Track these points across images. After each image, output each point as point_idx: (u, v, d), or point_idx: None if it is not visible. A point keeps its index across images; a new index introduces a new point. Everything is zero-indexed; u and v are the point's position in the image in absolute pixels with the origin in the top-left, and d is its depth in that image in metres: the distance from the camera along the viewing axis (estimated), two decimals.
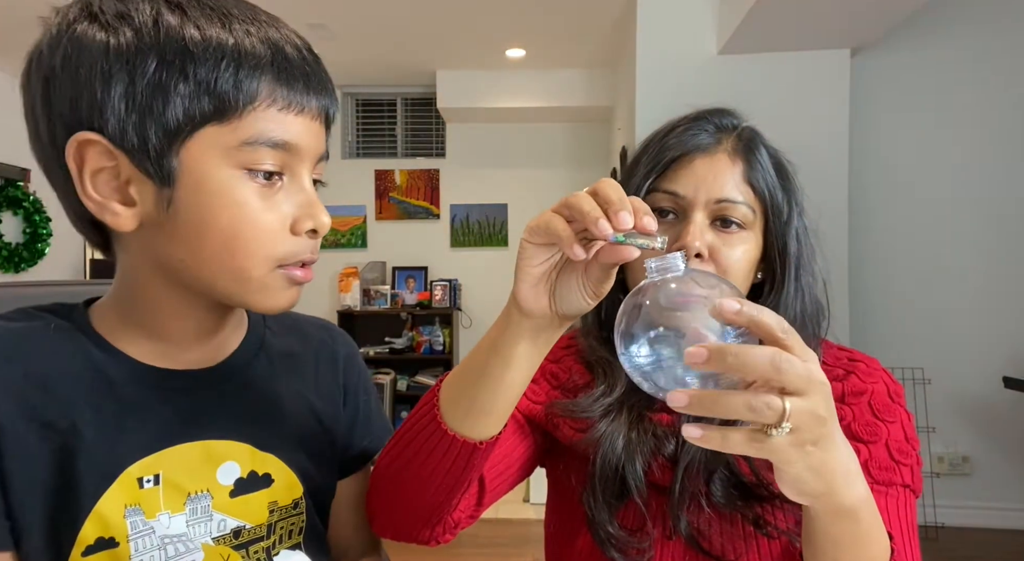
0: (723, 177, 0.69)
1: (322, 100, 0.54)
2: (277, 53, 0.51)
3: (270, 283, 0.53)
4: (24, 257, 3.87)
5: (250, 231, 0.51)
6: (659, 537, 0.68)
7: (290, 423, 0.64)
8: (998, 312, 2.92)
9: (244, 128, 0.50)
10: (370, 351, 4.53)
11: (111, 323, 0.56)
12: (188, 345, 0.58)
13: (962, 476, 3.00)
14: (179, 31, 0.49)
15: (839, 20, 2.51)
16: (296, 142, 0.52)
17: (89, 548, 0.50)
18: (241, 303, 0.55)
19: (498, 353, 0.54)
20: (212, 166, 0.50)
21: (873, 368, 0.73)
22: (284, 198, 0.53)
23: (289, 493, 0.62)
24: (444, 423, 0.56)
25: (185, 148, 0.49)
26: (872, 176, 2.95)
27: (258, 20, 0.52)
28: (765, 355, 0.41)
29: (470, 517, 0.69)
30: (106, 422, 0.53)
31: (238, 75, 0.49)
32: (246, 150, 0.50)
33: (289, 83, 0.51)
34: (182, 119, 0.48)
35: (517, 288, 0.52)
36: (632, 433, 0.69)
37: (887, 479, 0.66)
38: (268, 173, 0.51)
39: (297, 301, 0.57)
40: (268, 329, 0.67)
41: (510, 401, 0.56)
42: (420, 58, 4.09)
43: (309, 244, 0.55)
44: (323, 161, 0.57)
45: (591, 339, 0.77)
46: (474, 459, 0.57)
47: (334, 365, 0.71)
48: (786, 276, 0.71)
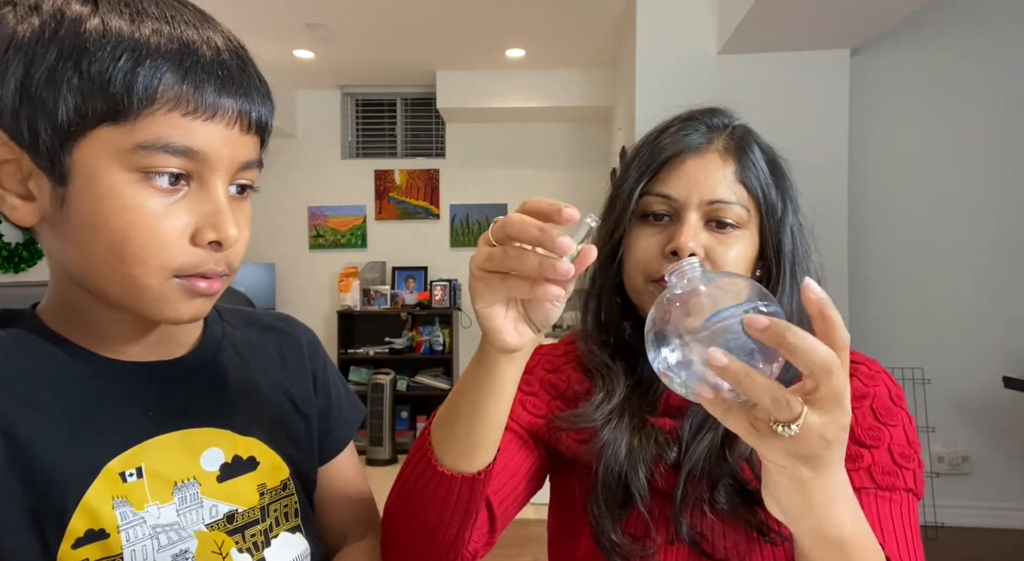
0: (715, 177, 0.69)
1: (242, 104, 0.50)
2: (186, 53, 0.48)
3: (168, 293, 0.51)
4: (24, 257, 3.87)
5: (141, 238, 0.48)
6: (663, 543, 0.68)
7: (266, 407, 0.64)
8: (998, 312, 2.92)
9: (140, 131, 0.47)
10: (370, 351, 4.53)
11: (62, 322, 0.55)
12: (140, 341, 0.57)
13: (962, 476, 3.00)
14: (81, 23, 0.46)
15: (839, 20, 2.51)
16: (202, 149, 0.49)
17: (79, 540, 0.50)
18: (139, 312, 0.52)
19: (486, 389, 0.54)
20: (104, 168, 0.47)
21: (875, 371, 0.73)
22: (187, 206, 0.50)
23: (276, 474, 0.62)
24: (440, 465, 0.57)
25: (78, 147, 0.47)
26: (872, 176, 2.95)
27: (178, 19, 0.49)
28: (823, 352, 0.40)
29: (486, 545, 0.69)
30: (77, 419, 0.52)
31: (134, 73, 0.46)
32: (141, 154, 0.47)
33: (197, 86, 0.48)
34: (73, 117, 0.46)
35: (498, 339, 0.51)
36: (634, 440, 0.68)
37: (890, 484, 0.65)
38: (173, 177, 0.49)
39: (204, 312, 0.54)
40: (226, 323, 0.67)
41: (500, 429, 0.57)
42: (420, 58, 4.09)
43: (212, 256, 0.51)
44: (252, 168, 0.54)
45: (590, 343, 0.76)
46: (475, 490, 0.58)
47: (299, 352, 0.71)
48: (782, 273, 0.71)
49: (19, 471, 0.49)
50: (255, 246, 4.69)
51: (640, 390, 0.72)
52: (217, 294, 0.54)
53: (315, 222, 4.81)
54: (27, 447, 0.49)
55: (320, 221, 4.81)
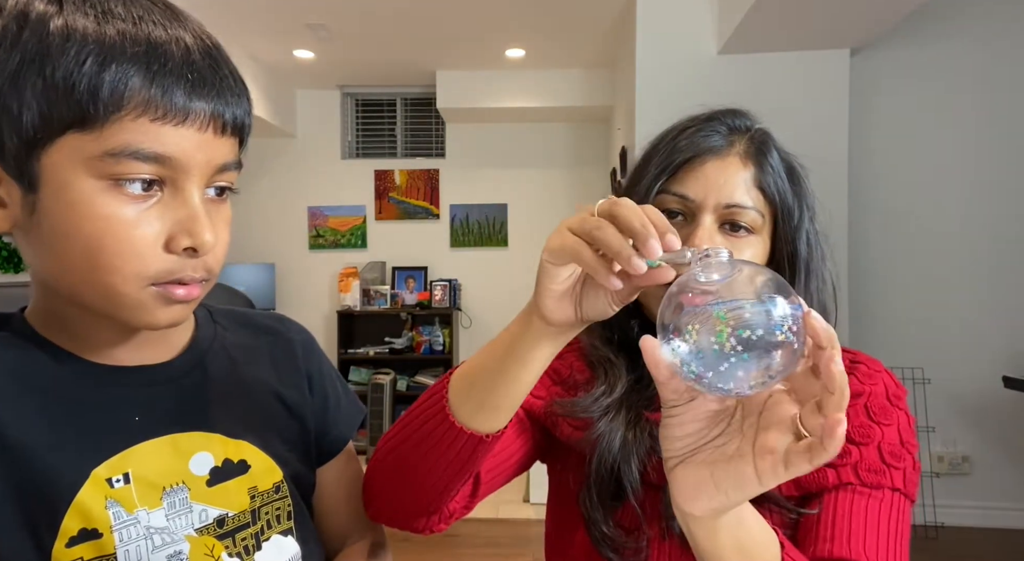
0: (734, 181, 0.68)
1: (215, 106, 0.49)
2: (153, 55, 0.46)
3: (144, 301, 0.49)
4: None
5: (114, 246, 0.47)
6: (655, 537, 0.68)
7: (257, 410, 0.63)
8: (998, 312, 2.92)
9: (108, 138, 0.45)
10: (370, 351, 4.53)
11: (48, 326, 0.54)
12: (127, 344, 0.56)
13: (961, 476, 3.00)
14: (45, 24, 0.44)
15: (839, 20, 2.51)
16: (174, 155, 0.47)
17: (73, 539, 0.50)
18: (117, 319, 0.51)
19: (516, 354, 0.54)
20: (74, 175, 0.46)
21: (875, 370, 0.73)
22: (160, 213, 0.48)
23: (268, 477, 0.61)
24: (452, 415, 0.56)
25: (47, 154, 0.46)
26: (871, 176, 2.95)
27: (145, 19, 0.47)
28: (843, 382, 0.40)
29: (464, 507, 0.69)
30: (64, 425, 0.51)
31: (99, 78, 0.44)
32: (110, 162, 0.45)
33: (166, 89, 0.46)
34: (39, 124, 0.45)
35: (541, 302, 0.51)
36: (629, 433, 0.69)
37: (875, 482, 0.65)
38: (146, 183, 0.47)
39: (184, 318, 0.53)
40: (218, 324, 0.66)
41: (520, 398, 0.56)
42: (420, 58, 4.09)
43: (188, 263, 0.50)
44: (230, 170, 0.52)
45: (594, 338, 0.77)
46: (478, 451, 0.57)
47: (292, 353, 0.70)
48: (795, 280, 0.71)
49: (10, 472, 0.49)
50: (255, 246, 4.69)
51: (640, 386, 0.72)
52: (196, 300, 0.53)
53: (315, 222, 4.81)
54: (16, 449, 0.49)
55: (320, 221, 4.81)
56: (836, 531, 0.63)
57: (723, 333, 0.41)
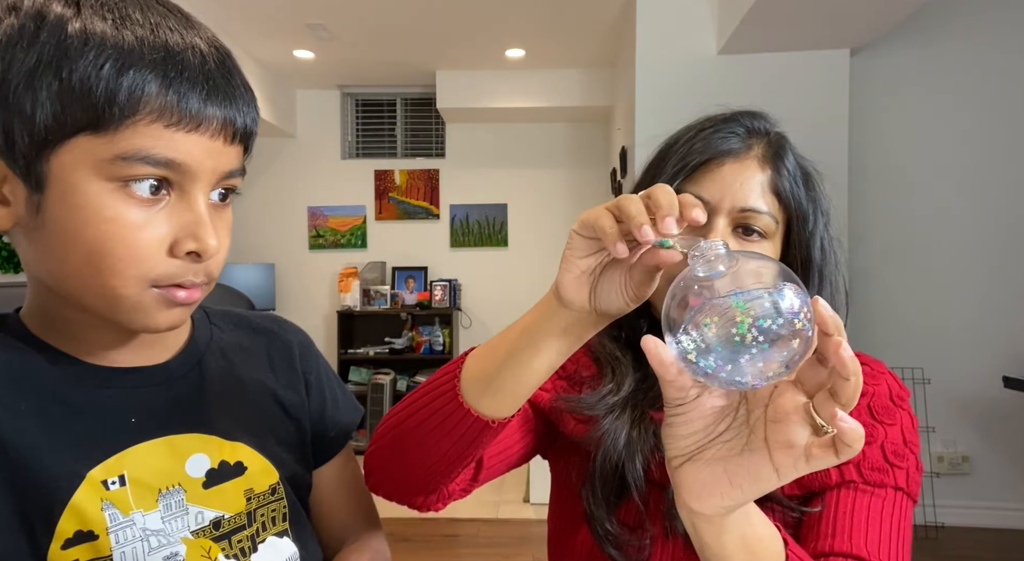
0: (750, 184, 0.68)
1: (227, 114, 0.49)
2: (170, 61, 0.46)
3: (145, 303, 0.50)
4: None
5: (119, 249, 0.47)
6: (658, 535, 0.68)
7: (254, 411, 0.63)
8: (998, 312, 2.92)
9: (120, 142, 0.45)
10: (370, 351, 4.53)
11: (44, 328, 0.54)
12: (123, 346, 0.56)
13: (962, 476, 3.00)
14: (63, 26, 0.45)
15: (839, 20, 2.51)
16: (184, 161, 0.48)
17: (68, 541, 0.50)
18: (115, 321, 0.51)
19: (530, 339, 0.53)
20: (82, 178, 0.46)
21: (878, 371, 0.73)
22: (167, 216, 0.49)
23: (264, 478, 0.61)
24: (461, 396, 0.56)
25: (56, 155, 0.46)
26: (872, 176, 2.95)
27: (162, 25, 0.47)
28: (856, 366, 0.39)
29: (464, 490, 0.69)
30: (59, 427, 0.51)
31: (117, 82, 0.44)
32: (121, 164, 0.46)
33: (181, 95, 0.46)
34: (51, 124, 0.45)
35: (560, 277, 0.51)
36: (634, 431, 0.69)
37: (878, 480, 0.65)
38: (154, 186, 0.47)
39: (183, 321, 0.53)
40: (215, 326, 0.66)
41: (531, 387, 0.55)
42: (420, 58, 4.09)
43: (191, 267, 0.50)
44: (235, 177, 0.53)
45: (602, 335, 0.77)
46: (483, 436, 0.57)
47: (289, 354, 0.70)
48: (808, 286, 0.70)
49: (5, 474, 0.49)
50: (255, 246, 4.70)
51: (645, 385, 0.72)
52: (196, 303, 0.53)
53: (315, 222, 4.81)
54: (11, 451, 0.49)
55: (320, 221, 4.81)
56: (838, 527, 0.63)
57: (744, 323, 0.40)
